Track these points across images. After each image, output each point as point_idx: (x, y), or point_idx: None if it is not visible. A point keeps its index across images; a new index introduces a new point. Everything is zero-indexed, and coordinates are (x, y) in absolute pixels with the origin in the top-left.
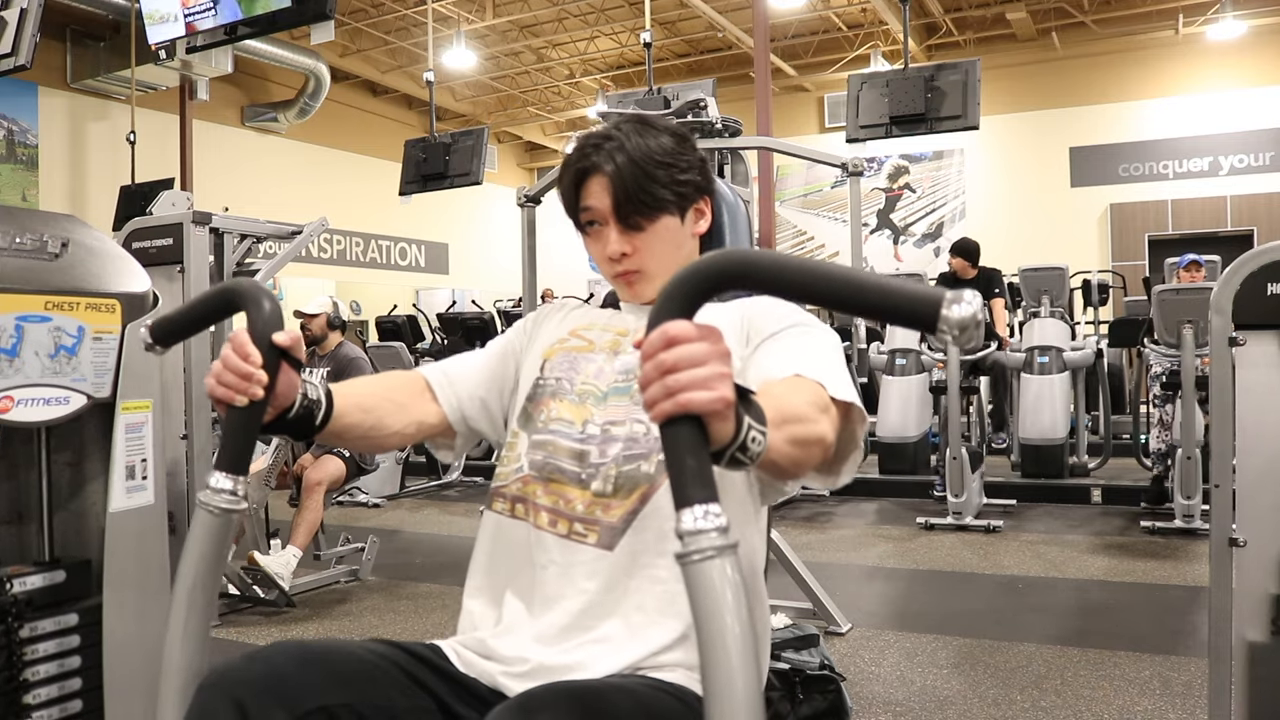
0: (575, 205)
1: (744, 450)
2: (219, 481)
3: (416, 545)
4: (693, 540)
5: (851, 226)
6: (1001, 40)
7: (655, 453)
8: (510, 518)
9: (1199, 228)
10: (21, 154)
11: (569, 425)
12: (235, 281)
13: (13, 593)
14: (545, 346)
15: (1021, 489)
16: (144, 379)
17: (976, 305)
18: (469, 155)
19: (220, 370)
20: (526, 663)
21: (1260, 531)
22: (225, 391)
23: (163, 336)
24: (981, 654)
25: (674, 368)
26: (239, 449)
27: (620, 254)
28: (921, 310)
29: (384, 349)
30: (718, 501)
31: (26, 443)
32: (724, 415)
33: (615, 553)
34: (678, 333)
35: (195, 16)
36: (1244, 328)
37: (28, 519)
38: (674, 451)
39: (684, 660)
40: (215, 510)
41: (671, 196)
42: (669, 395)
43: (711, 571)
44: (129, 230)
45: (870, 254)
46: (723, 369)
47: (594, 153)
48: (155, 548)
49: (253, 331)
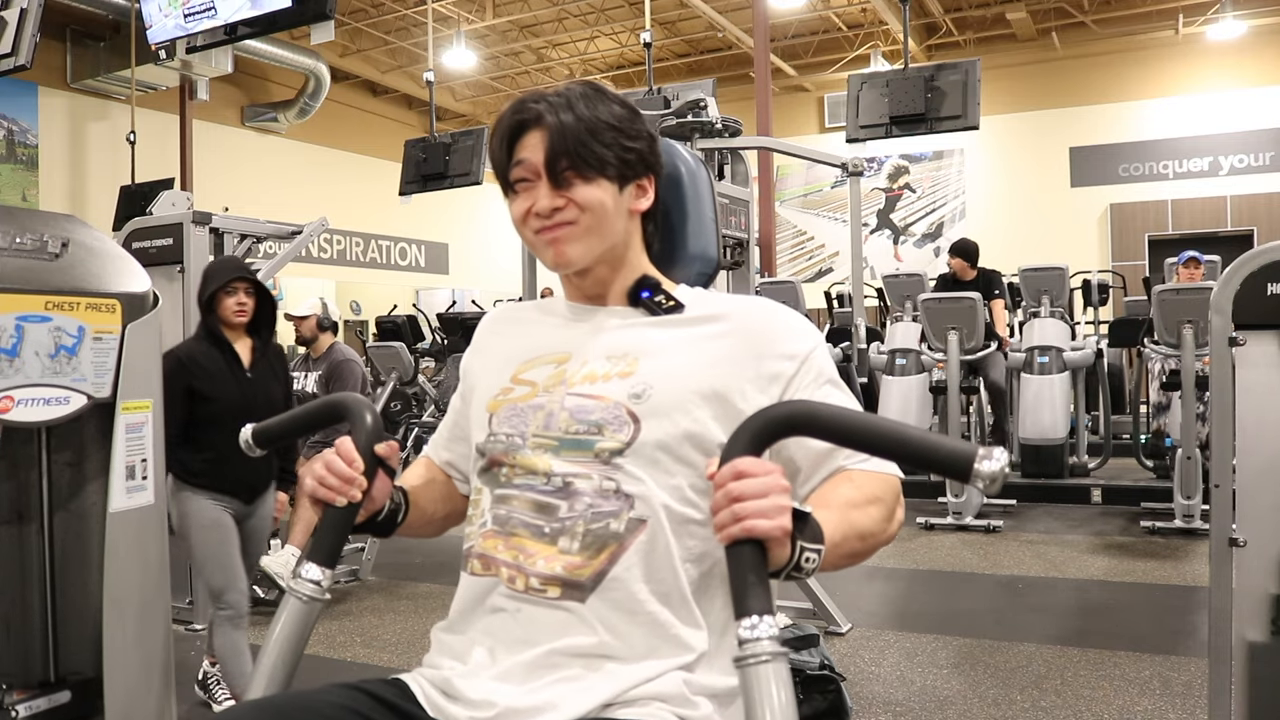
0: (506, 159)
1: (798, 569)
2: (310, 572)
3: (416, 545)
4: (750, 646)
5: (851, 226)
6: (1001, 40)
7: (625, 511)
8: (479, 575)
9: (1199, 228)
10: (21, 154)
11: (532, 478)
12: (343, 396)
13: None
14: (489, 397)
15: (1021, 489)
16: (144, 379)
17: (1004, 460)
18: (469, 155)
19: (323, 474)
20: (493, 706)
21: (1260, 531)
22: (327, 493)
23: (264, 442)
24: (981, 654)
25: (741, 497)
26: (332, 546)
27: (550, 209)
28: (957, 464)
29: (384, 349)
30: (773, 614)
31: (26, 443)
32: (782, 542)
33: (586, 605)
34: (746, 467)
35: (195, 17)
36: (1244, 328)
37: (28, 519)
38: (737, 568)
39: (658, 691)
40: (304, 598)
41: (613, 160)
42: (736, 521)
43: (768, 674)
44: (129, 230)
45: (870, 254)
46: (783, 501)
47: (535, 104)
48: (155, 548)
49: (357, 441)
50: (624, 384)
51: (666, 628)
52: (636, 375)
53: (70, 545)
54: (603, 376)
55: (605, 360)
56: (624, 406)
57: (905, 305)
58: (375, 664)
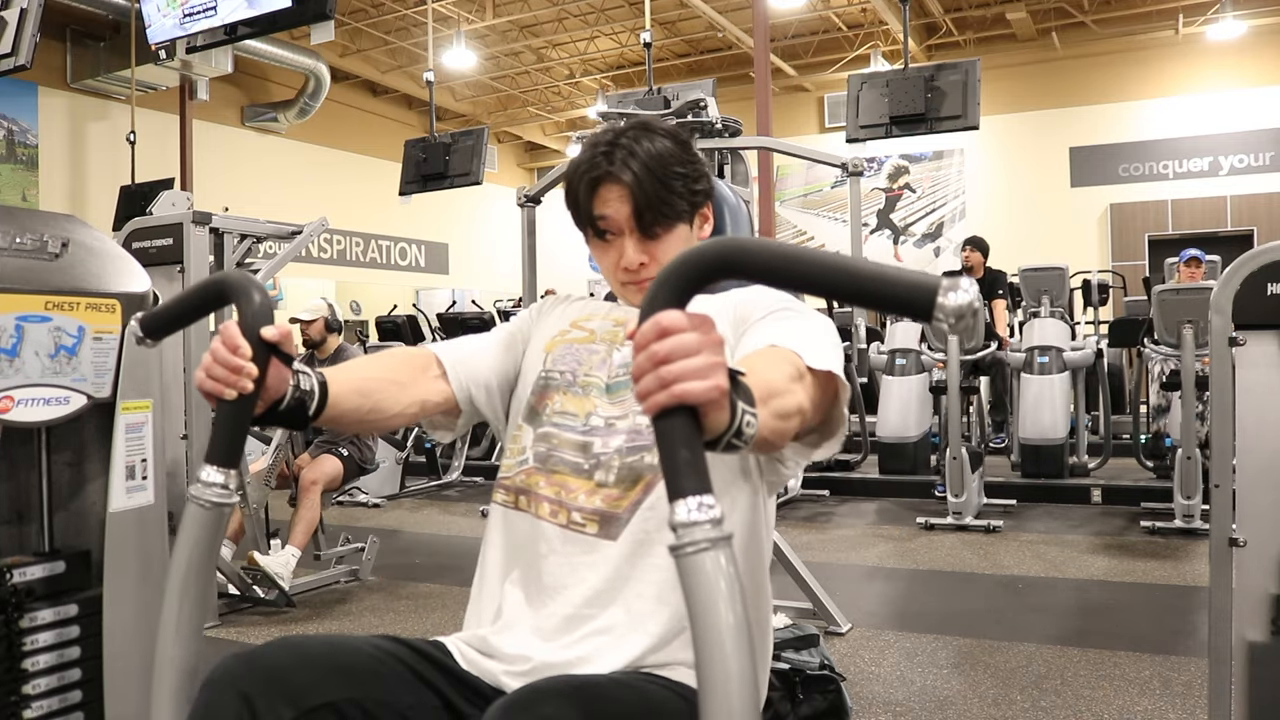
0: (590, 214)
1: (739, 435)
2: (210, 475)
3: (416, 545)
4: (686, 532)
5: (851, 226)
6: (1001, 40)
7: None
8: (514, 509)
9: (1199, 228)
10: (21, 154)
11: (572, 418)
12: (225, 273)
13: (12, 583)
14: (547, 339)
15: (1021, 489)
16: (144, 379)
17: (973, 293)
18: (469, 155)
19: (209, 364)
20: (528, 661)
21: (1260, 531)
22: (214, 385)
23: (153, 329)
24: (981, 654)
25: (667, 358)
26: (229, 442)
27: (639, 264)
28: (917, 297)
29: (384, 349)
30: (711, 493)
31: (26, 443)
32: (719, 404)
33: (618, 543)
34: (670, 323)
35: (194, 17)
36: (1244, 328)
37: (28, 519)
38: (667, 444)
39: (687, 658)
40: (206, 504)
41: (686, 206)
42: (663, 386)
43: (705, 563)
44: (129, 230)
45: (870, 254)
46: (717, 357)
47: (605, 161)
48: (155, 548)
49: (242, 325)
50: None
51: None
52: None
53: (70, 545)
54: None
55: None
56: None
57: None
58: None
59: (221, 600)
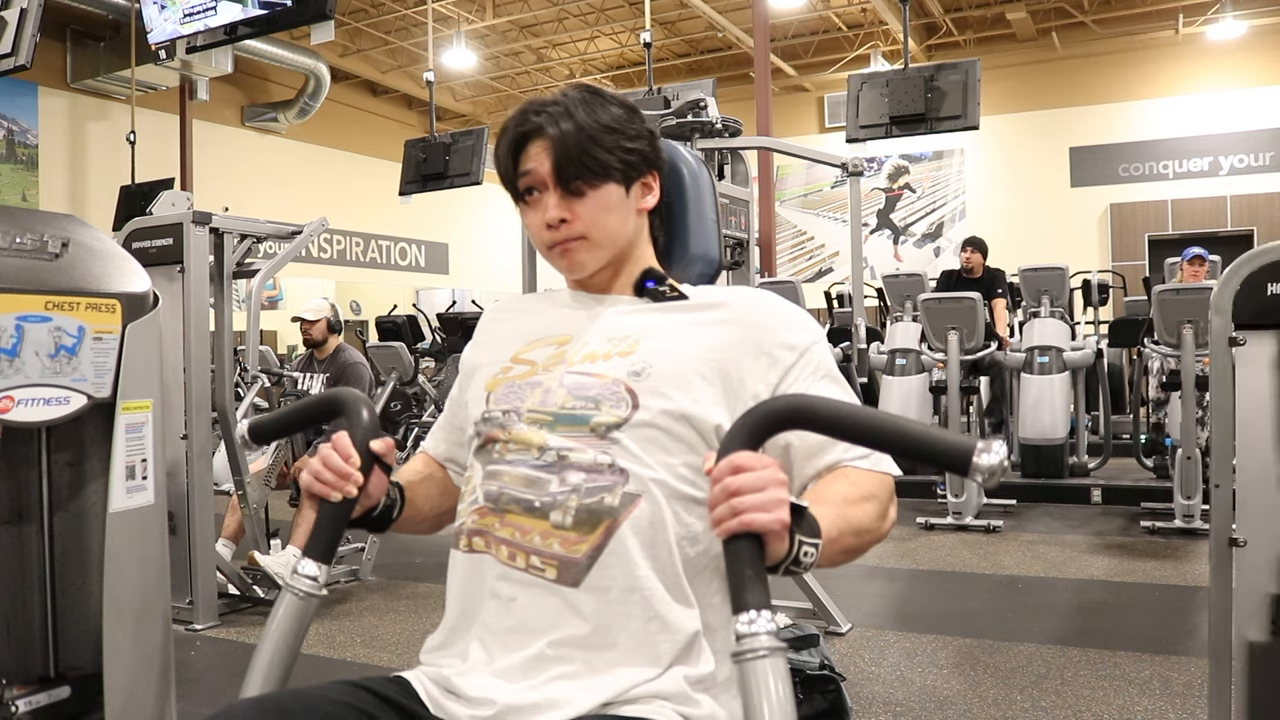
0: (513, 170)
1: (796, 563)
2: (306, 568)
3: (416, 545)
4: (748, 641)
5: (851, 226)
6: (1001, 40)
7: (620, 485)
8: (470, 553)
9: (1199, 228)
10: (21, 154)
11: (524, 452)
12: (339, 391)
13: (18, 715)
14: (488, 377)
15: (1021, 489)
16: (144, 379)
17: (1003, 453)
18: (469, 155)
19: (320, 468)
20: (494, 704)
21: (1260, 531)
22: (323, 488)
23: (259, 436)
24: (981, 654)
25: (739, 491)
26: (328, 541)
27: (559, 220)
28: (956, 456)
29: (384, 349)
30: (770, 608)
31: (26, 443)
32: (780, 536)
33: (580, 590)
34: (744, 461)
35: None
36: (1244, 328)
37: (28, 519)
38: (735, 563)
39: (660, 690)
40: (300, 594)
41: (617, 164)
42: (734, 515)
43: (766, 669)
44: (129, 230)
45: (870, 254)
46: (781, 495)
47: (536, 115)
48: (155, 548)
49: (354, 436)
50: (624, 362)
51: (660, 606)
52: (637, 354)
53: (70, 545)
54: (603, 355)
55: (606, 341)
56: (623, 384)
57: (905, 305)
58: (375, 664)
59: (222, 600)
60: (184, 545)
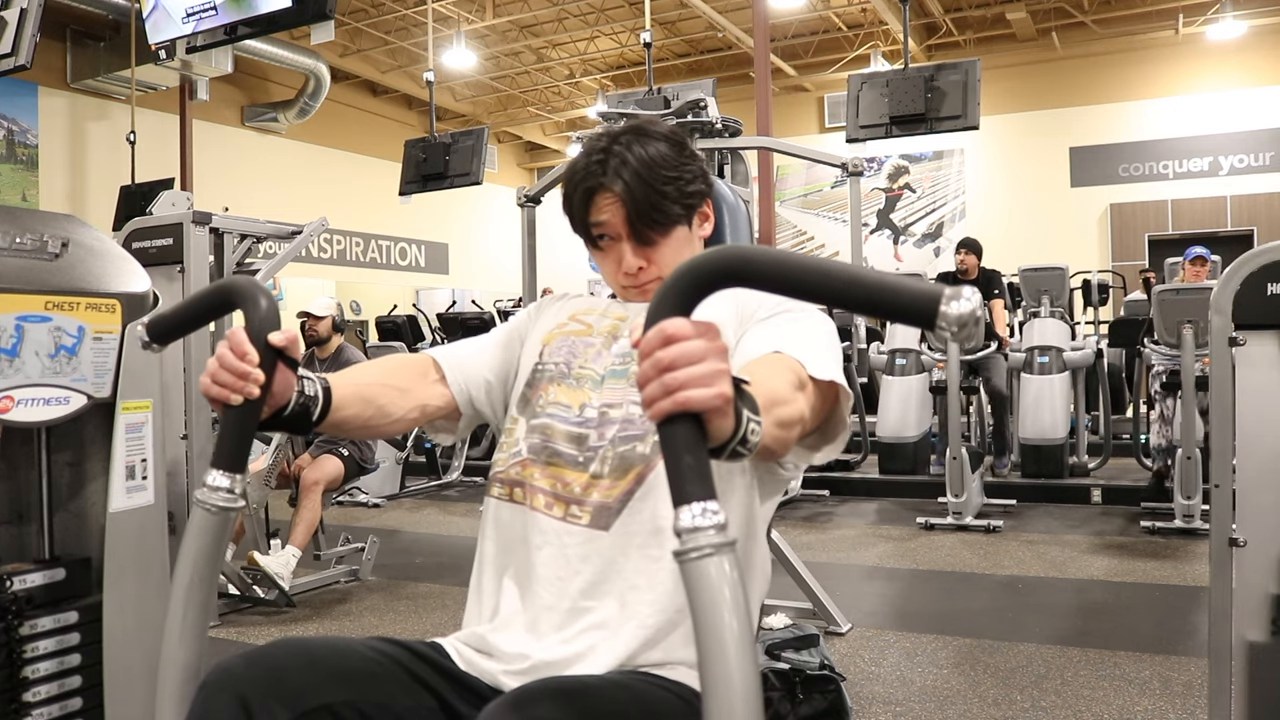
0: (585, 222)
1: (744, 443)
2: (215, 479)
3: (416, 545)
4: (691, 538)
5: (851, 226)
6: (1001, 40)
7: (651, 433)
8: (508, 502)
9: (1199, 228)
10: (21, 154)
11: (566, 409)
12: (232, 279)
13: (12, 590)
14: (545, 332)
15: (1021, 489)
16: (144, 379)
17: (975, 302)
18: (469, 155)
19: (216, 369)
20: (526, 659)
21: (1260, 531)
22: (220, 390)
23: (159, 334)
24: (981, 654)
25: (672, 365)
26: (235, 447)
27: (637, 269)
28: (920, 306)
29: (384, 349)
30: (716, 499)
31: (26, 443)
32: (724, 412)
33: (610, 533)
34: (675, 330)
35: (195, 17)
36: (1244, 328)
37: (28, 519)
38: (672, 450)
39: (685, 657)
40: (212, 508)
41: (681, 210)
42: (667, 393)
43: (710, 568)
44: (129, 230)
45: (870, 254)
46: (721, 365)
47: (600, 169)
48: (155, 548)
49: (249, 330)
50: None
51: None
52: None
53: (70, 545)
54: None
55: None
56: None
57: None
58: None
59: (222, 600)
60: (181, 543)
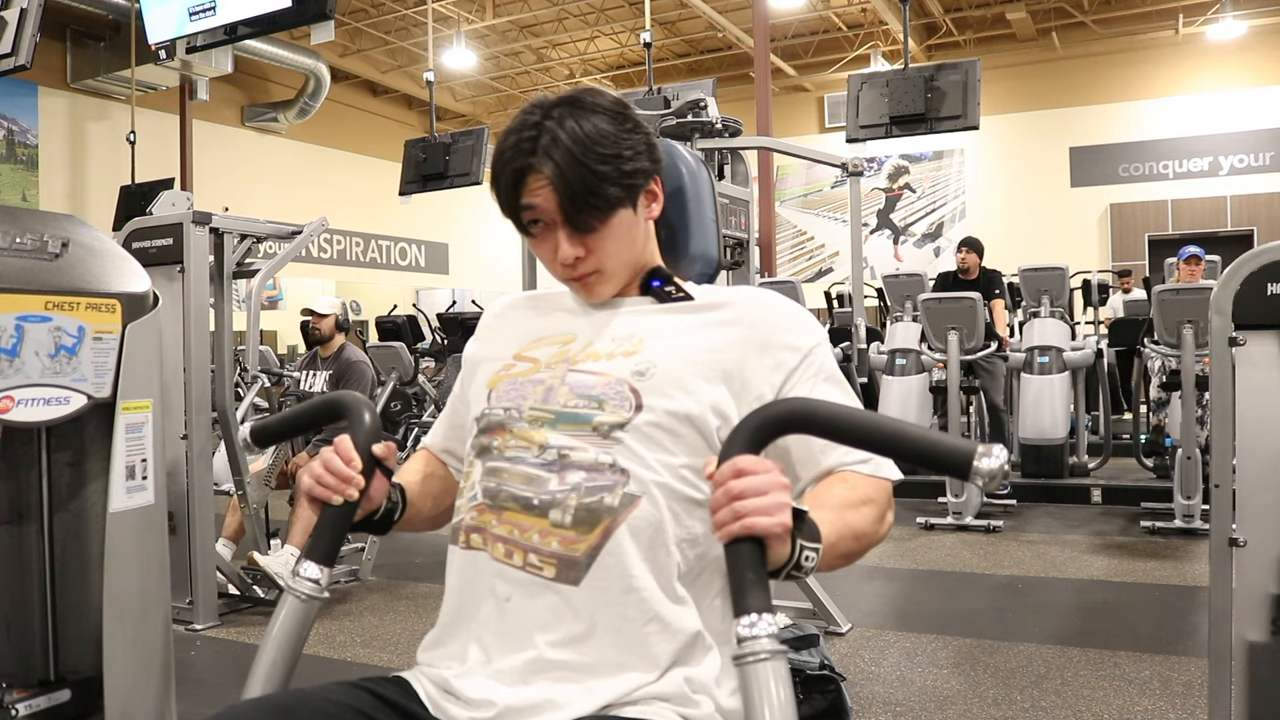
0: (516, 206)
1: (798, 568)
2: (308, 570)
3: (416, 545)
4: (749, 644)
5: (851, 226)
6: (1001, 40)
7: (620, 485)
8: (465, 549)
9: (1199, 228)
10: (21, 154)
11: (524, 450)
12: (341, 394)
13: (18, 719)
14: (489, 375)
15: (1021, 489)
16: (144, 379)
17: (1003, 458)
18: (469, 155)
19: (321, 472)
20: (493, 706)
21: (1260, 531)
22: (324, 491)
23: (262, 440)
24: (981, 654)
25: (741, 495)
26: (330, 544)
27: (574, 258)
28: (956, 460)
29: (384, 349)
30: (772, 612)
31: (26, 443)
32: (783, 539)
33: (580, 588)
34: (746, 465)
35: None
36: (1244, 328)
37: (28, 519)
38: (736, 566)
39: (660, 692)
40: (302, 596)
41: (621, 192)
42: (736, 519)
43: (766, 673)
44: (129, 230)
45: (870, 254)
46: (783, 499)
47: (529, 149)
48: (155, 548)
49: (355, 439)
50: (627, 362)
51: (660, 608)
52: (641, 354)
53: (70, 545)
54: (606, 355)
55: (610, 341)
56: (626, 383)
57: (905, 305)
58: (375, 664)
59: (221, 600)
60: (184, 545)
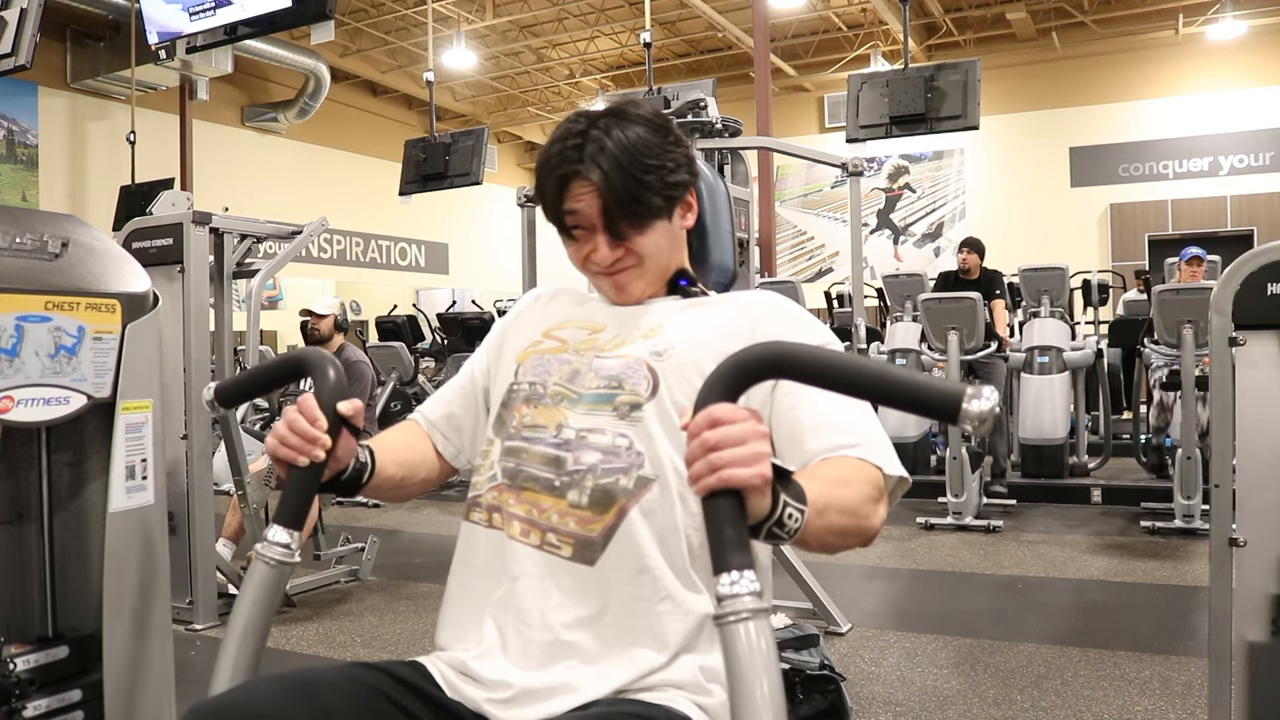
0: (559, 210)
1: (780, 525)
2: (277, 535)
3: (416, 545)
4: (729, 603)
5: (851, 226)
6: (1001, 40)
7: (635, 468)
8: (486, 527)
9: (1199, 228)
10: (21, 154)
11: (542, 430)
12: (304, 351)
13: (16, 672)
14: (519, 349)
15: (1021, 489)
16: (144, 379)
17: (995, 400)
18: (469, 155)
19: (285, 433)
20: (509, 687)
21: (1260, 531)
22: (289, 452)
23: (227, 399)
24: (981, 654)
25: (717, 445)
26: (297, 507)
27: (613, 260)
28: (944, 402)
29: (384, 349)
30: (753, 569)
31: (26, 443)
32: (761, 490)
33: (595, 568)
34: (722, 414)
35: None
36: (1244, 328)
37: (28, 519)
38: (714, 521)
39: (674, 679)
40: (271, 562)
41: (662, 202)
42: (712, 470)
43: (746, 632)
44: (129, 230)
45: (870, 254)
46: (762, 448)
47: (575, 156)
48: (155, 548)
49: (319, 398)
50: (647, 344)
51: (672, 589)
52: (660, 337)
53: (70, 545)
54: (629, 341)
55: (636, 332)
56: (644, 363)
57: (905, 305)
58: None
59: (221, 600)
60: (184, 545)
